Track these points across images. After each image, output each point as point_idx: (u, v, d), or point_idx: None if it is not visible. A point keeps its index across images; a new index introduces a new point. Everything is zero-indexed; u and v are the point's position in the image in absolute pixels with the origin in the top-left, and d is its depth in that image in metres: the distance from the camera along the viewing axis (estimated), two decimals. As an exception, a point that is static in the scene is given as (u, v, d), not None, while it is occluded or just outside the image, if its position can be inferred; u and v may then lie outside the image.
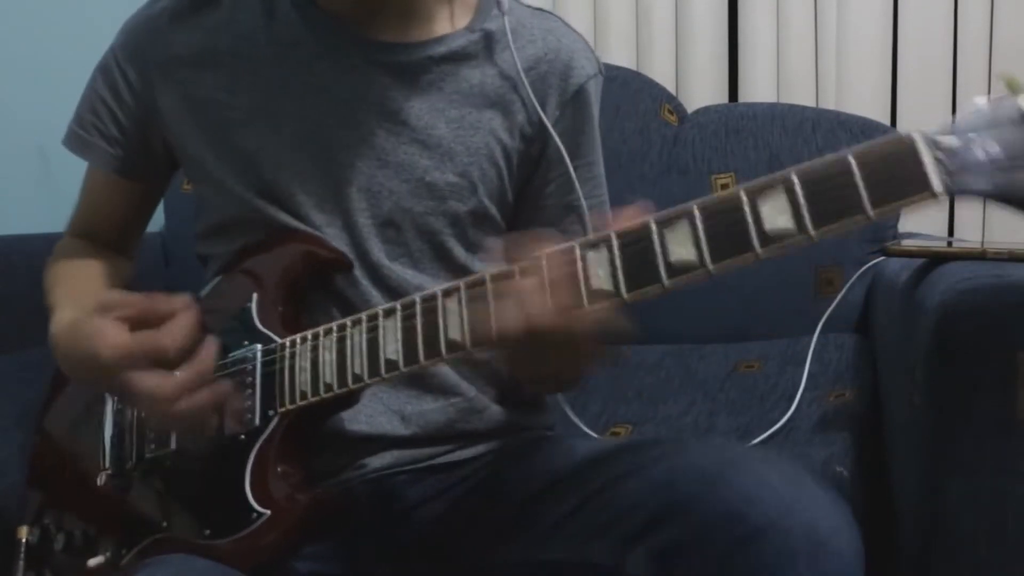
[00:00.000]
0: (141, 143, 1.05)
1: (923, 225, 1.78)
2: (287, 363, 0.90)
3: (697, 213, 0.71)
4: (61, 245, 1.12)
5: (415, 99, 0.97)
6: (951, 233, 1.93)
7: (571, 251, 0.75)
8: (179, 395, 0.85)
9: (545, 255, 0.76)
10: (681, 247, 0.71)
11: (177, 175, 1.12)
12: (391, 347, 0.83)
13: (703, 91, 2.02)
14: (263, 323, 0.94)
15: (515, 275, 0.77)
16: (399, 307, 0.83)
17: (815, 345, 1.49)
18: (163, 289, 1.08)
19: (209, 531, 0.90)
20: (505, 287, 0.77)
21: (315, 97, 0.97)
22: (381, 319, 0.84)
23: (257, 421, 0.90)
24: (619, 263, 0.73)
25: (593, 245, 0.75)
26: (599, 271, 0.74)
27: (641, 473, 0.84)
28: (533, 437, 1.03)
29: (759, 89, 1.99)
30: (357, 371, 0.85)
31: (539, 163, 1.02)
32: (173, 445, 0.94)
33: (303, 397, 0.88)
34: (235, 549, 0.88)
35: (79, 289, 1.02)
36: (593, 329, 0.75)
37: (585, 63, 1.03)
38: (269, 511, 0.87)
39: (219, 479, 0.91)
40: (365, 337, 0.85)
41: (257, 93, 0.98)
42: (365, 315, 0.86)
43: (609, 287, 0.73)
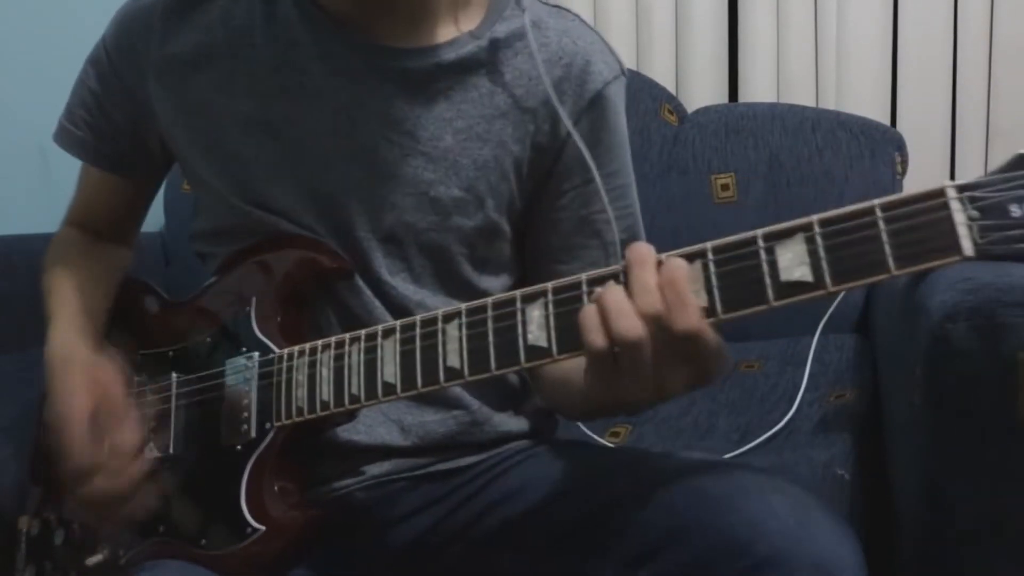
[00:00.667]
0: (134, 139, 1.02)
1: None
2: (284, 376, 0.88)
3: (711, 255, 0.68)
4: (59, 238, 1.09)
5: (420, 109, 0.92)
6: (951, 233, 1.92)
7: (578, 285, 0.73)
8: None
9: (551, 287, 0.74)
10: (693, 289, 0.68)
11: (175, 170, 1.11)
12: (389, 370, 0.81)
13: (703, 91, 2.02)
14: (261, 331, 0.92)
15: (516, 301, 0.75)
16: (398, 328, 0.82)
17: (815, 345, 1.48)
18: (163, 289, 1.08)
19: (205, 541, 0.89)
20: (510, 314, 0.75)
21: (312, 102, 0.92)
22: (380, 339, 0.82)
23: (253, 433, 0.89)
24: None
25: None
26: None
27: (644, 494, 0.82)
28: (532, 445, 1.00)
29: (759, 89, 1.99)
30: (355, 392, 0.84)
31: (552, 173, 0.96)
32: (171, 450, 0.94)
33: (299, 413, 0.87)
34: (230, 562, 0.87)
35: (72, 303, 1.01)
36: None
37: (603, 67, 0.96)
38: (264, 527, 0.86)
39: (215, 489, 0.90)
40: (363, 357, 0.83)
41: (253, 96, 0.94)
42: (364, 333, 0.84)
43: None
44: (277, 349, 0.90)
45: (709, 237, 0.69)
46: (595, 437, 1.29)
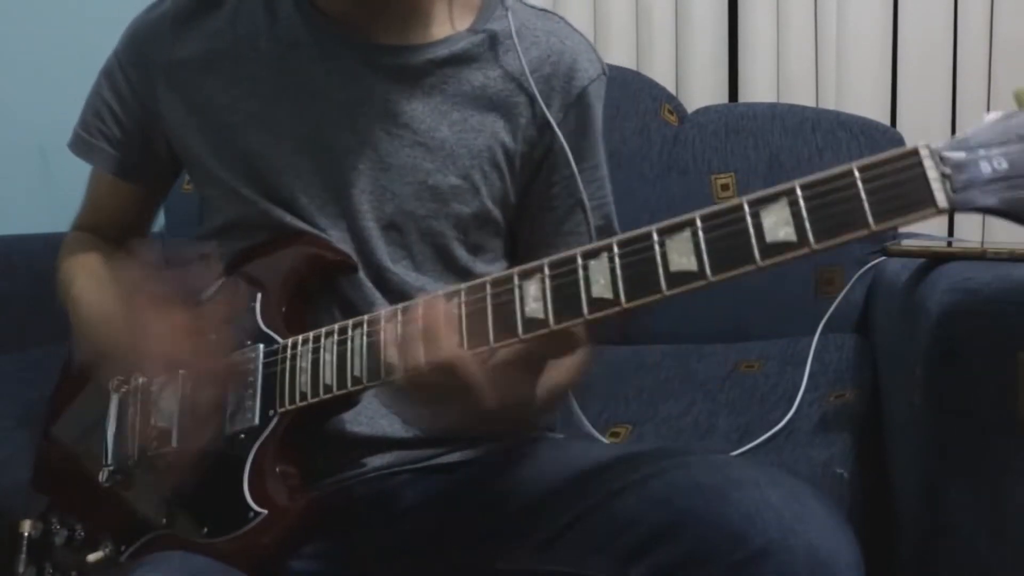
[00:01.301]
0: (145, 146, 1.06)
1: (923, 225, 1.76)
2: (288, 364, 0.90)
3: (699, 223, 0.70)
4: (70, 239, 1.13)
5: (417, 102, 0.97)
6: (951, 233, 1.93)
7: (572, 260, 0.74)
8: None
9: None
10: (682, 256, 0.70)
11: (180, 178, 1.12)
12: (391, 351, 0.82)
13: (703, 91, 2.03)
14: (266, 323, 0.94)
15: (514, 278, 0.76)
16: (399, 311, 0.83)
17: (815, 345, 1.49)
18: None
19: (207, 529, 0.90)
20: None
21: (316, 100, 0.97)
22: (383, 323, 0.84)
23: (257, 420, 0.90)
24: (619, 271, 0.73)
25: (594, 254, 0.74)
26: (599, 279, 0.73)
27: (640, 488, 0.83)
28: (533, 439, 1.02)
29: (759, 89, 1.99)
30: (356, 374, 0.85)
31: (542, 166, 1.01)
32: (174, 443, 0.94)
33: (303, 398, 0.88)
34: (232, 548, 0.88)
35: (104, 279, 1.03)
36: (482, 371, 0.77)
37: (588, 65, 1.02)
38: (266, 511, 0.87)
39: (218, 478, 0.91)
40: (365, 340, 0.85)
41: (258, 96, 0.98)
42: (366, 318, 0.86)
43: (609, 295, 0.73)
44: (281, 340, 0.92)
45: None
46: (597, 437, 1.29)
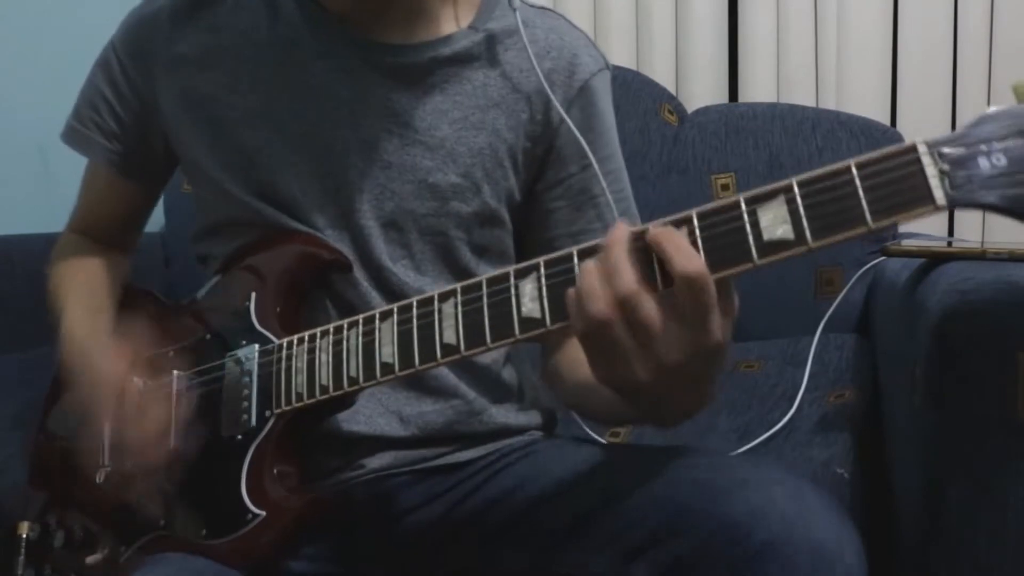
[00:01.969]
0: (140, 139, 1.05)
1: (923, 225, 1.77)
2: (283, 364, 0.90)
3: (696, 220, 0.69)
4: (62, 243, 1.12)
5: (417, 101, 0.96)
6: (951, 233, 1.93)
7: (569, 258, 0.74)
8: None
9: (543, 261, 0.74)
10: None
11: (177, 175, 1.12)
12: (387, 350, 0.82)
13: (703, 91, 2.02)
14: (261, 323, 0.94)
15: (510, 277, 0.75)
16: (395, 310, 0.83)
17: (815, 345, 1.48)
18: (163, 289, 1.08)
19: (206, 531, 0.90)
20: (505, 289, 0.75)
21: (315, 98, 0.96)
22: (378, 322, 0.84)
23: (254, 422, 0.90)
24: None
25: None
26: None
27: (642, 487, 0.83)
28: (533, 440, 1.02)
29: (759, 89, 1.99)
30: (353, 374, 0.85)
31: (546, 161, 1.01)
32: (171, 444, 0.94)
33: (299, 399, 0.88)
34: (231, 549, 0.88)
35: (86, 301, 1.03)
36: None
37: (589, 60, 1.02)
38: (264, 512, 0.87)
39: (216, 479, 0.91)
40: (361, 340, 0.84)
41: (258, 93, 0.97)
42: (362, 318, 0.85)
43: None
44: (276, 340, 0.92)
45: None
46: (595, 436, 1.28)
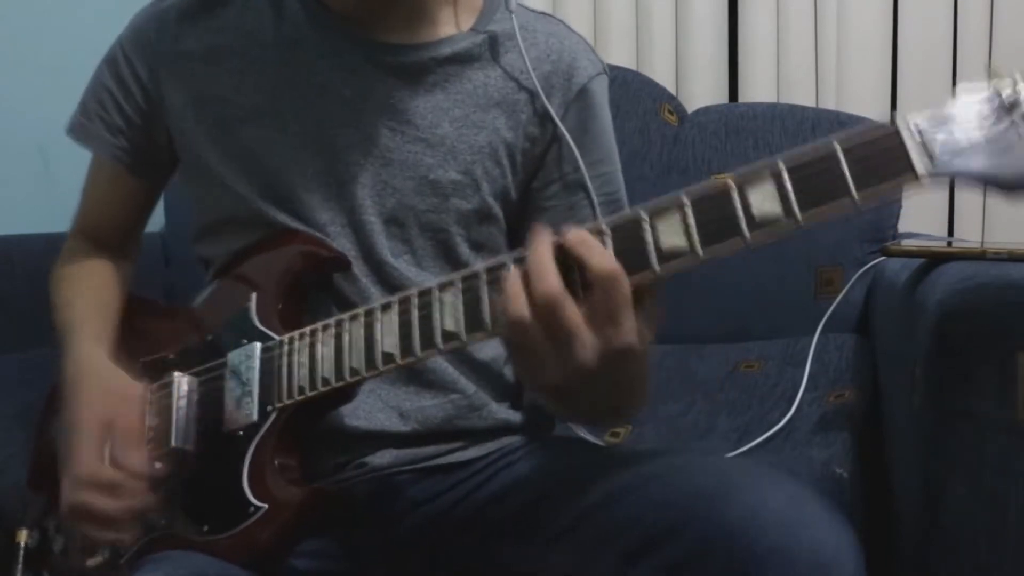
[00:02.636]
0: (145, 136, 1.06)
1: (923, 225, 1.78)
2: (285, 359, 0.90)
3: (687, 201, 0.71)
4: (68, 250, 1.13)
5: (419, 99, 0.98)
6: (951, 233, 1.93)
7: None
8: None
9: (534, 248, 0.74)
10: (673, 236, 0.72)
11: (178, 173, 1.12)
12: (388, 340, 0.83)
13: (703, 91, 2.02)
14: (262, 322, 0.94)
15: (508, 263, 0.76)
16: (396, 301, 0.83)
17: (815, 345, 1.49)
18: (163, 289, 1.08)
19: (207, 527, 0.90)
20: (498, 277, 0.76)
21: (319, 96, 0.98)
22: (378, 313, 0.84)
23: (255, 417, 0.90)
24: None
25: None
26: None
27: (641, 490, 0.84)
28: (533, 439, 1.02)
29: (759, 89, 1.99)
30: (354, 365, 0.85)
31: (543, 162, 1.02)
32: (172, 443, 0.94)
33: (301, 392, 0.88)
34: (233, 544, 0.88)
35: (89, 315, 1.04)
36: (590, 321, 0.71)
37: (587, 64, 1.03)
38: (266, 505, 0.88)
39: (217, 475, 0.91)
40: (362, 332, 0.85)
41: (262, 91, 0.99)
42: (363, 310, 0.86)
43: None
44: (277, 336, 0.92)
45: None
46: (594, 439, 1.28)
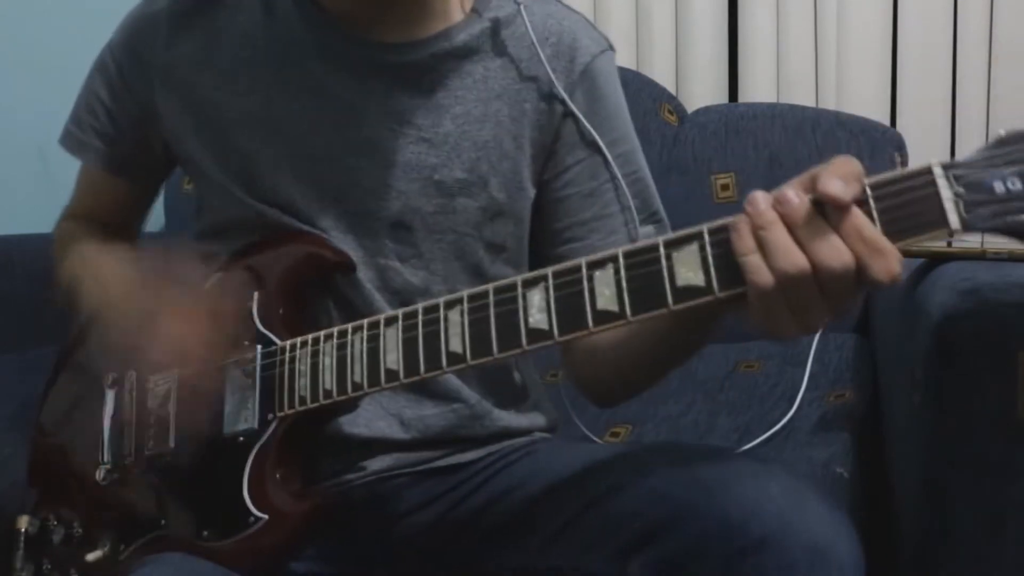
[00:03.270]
0: (138, 142, 1.04)
1: (923, 225, 1.78)
2: (287, 367, 0.89)
3: (707, 236, 0.69)
4: (63, 230, 1.11)
5: (419, 98, 0.95)
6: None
7: (578, 268, 0.73)
8: None
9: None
10: (689, 271, 0.69)
11: (175, 174, 1.11)
12: (391, 356, 0.82)
13: (703, 91, 2.03)
14: (264, 324, 0.93)
15: (518, 287, 0.75)
16: (400, 316, 0.82)
17: (815, 345, 1.49)
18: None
19: (207, 532, 0.90)
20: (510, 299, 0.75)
21: (314, 98, 0.95)
22: (382, 327, 0.83)
23: (255, 424, 0.89)
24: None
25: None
26: (605, 290, 0.72)
27: (638, 483, 0.83)
28: (532, 441, 1.02)
29: (759, 89, 2.00)
30: (357, 379, 0.84)
31: (555, 151, 0.99)
32: (172, 443, 0.94)
33: (302, 403, 0.87)
34: (233, 551, 0.87)
35: (103, 272, 1.02)
36: None
37: (590, 42, 1.00)
38: (267, 516, 0.87)
39: (217, 480, 0.90)
40: (366, 346, 0.84)
41: (256, 94, 0.97)
42: (366, 322, 0.85)
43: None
44: (279, 341, 0.91)
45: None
46: (594, 438, 1.29)
